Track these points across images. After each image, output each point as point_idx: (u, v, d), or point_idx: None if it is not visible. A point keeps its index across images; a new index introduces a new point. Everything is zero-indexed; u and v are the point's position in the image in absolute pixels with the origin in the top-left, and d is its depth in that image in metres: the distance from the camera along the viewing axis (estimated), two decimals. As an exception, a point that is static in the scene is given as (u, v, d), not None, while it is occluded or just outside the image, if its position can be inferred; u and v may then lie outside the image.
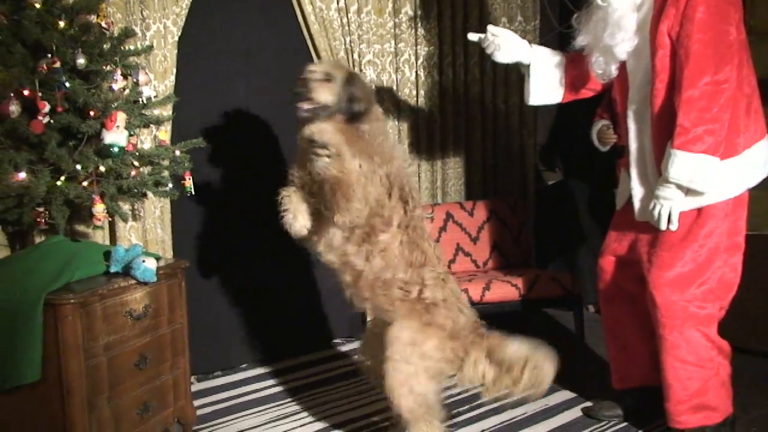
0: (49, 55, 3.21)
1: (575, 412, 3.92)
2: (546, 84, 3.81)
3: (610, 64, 3.47)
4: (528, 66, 3.80)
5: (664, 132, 3.27)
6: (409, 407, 3.22)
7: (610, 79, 3.57)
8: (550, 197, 5.72)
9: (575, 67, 3.74)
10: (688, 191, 3.22)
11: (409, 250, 3.28)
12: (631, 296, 3.62)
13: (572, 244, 5.49)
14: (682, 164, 3.16)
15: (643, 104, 3.40)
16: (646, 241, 3.46)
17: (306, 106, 3.23)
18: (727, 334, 3.51)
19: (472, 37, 3.87)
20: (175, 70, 4.09)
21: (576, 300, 4.73)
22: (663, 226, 3.27)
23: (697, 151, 3.14)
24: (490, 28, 3.81)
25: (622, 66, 3.47)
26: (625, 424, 3.75)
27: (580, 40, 3.55)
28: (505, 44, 3.76)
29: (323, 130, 3.12)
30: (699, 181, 3.17)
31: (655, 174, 3.33)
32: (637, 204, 3.46)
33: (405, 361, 3.20)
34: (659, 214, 3.27)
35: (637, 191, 3.46)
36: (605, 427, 3.74)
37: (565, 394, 4.14)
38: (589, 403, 3.96)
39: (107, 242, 3.91)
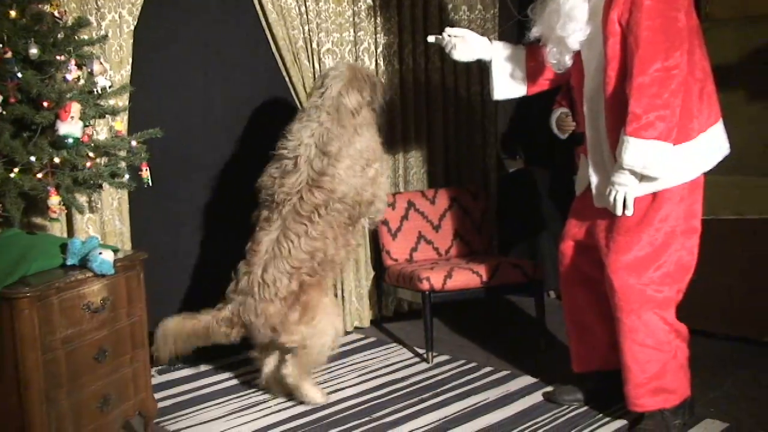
0: (1, 45, 3.16)
1: (536, 397, 3.95)
2: (508, 79, 3.85)
3: (564, 55, 3.50)
4: (489, 62, 3.84)
5: (617, 119, 3.30)
6: None
7: (566, 69, 3.59)
8: (511, 185, 5.76)
9: (534, 59, 3.77)
10: (642, 177, 3.25)
11: None
12: (590, 280, 3.66)
13: (533, 231, 5.54)
14: (635, 150, 3.19)
15: (596, 92, 3.43)
16: (603, 227, 3.49)
17: None
18: (684, 317, 3.56)
19: (431, 39, 3.93)
20: (131, 60, 4.04)
21: (537, 286, 4.76)
22: (618, 211, 3.31)
23: (649, 137, 3.17)
24: (448, 29, 3.86)
25: (577, 55, 3.50)
26: (585, 408, 3.79)
27: (535, 32, 3.58)
28: (462, 43, 3.81)
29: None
30: (652, 167, 3.21)
31: (611, 160, 3.36)
32: (594, 190, 3.50)
33: None
34: (614, 199, 3.30)
35: (594, 178, 3.49)
36: (565, 411, 3.78)
37: (526, 380, 4.18)
38: (550, 388, 4.00)
39: (65, 235, 3.87)
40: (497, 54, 3.83)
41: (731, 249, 4.46)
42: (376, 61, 5.00)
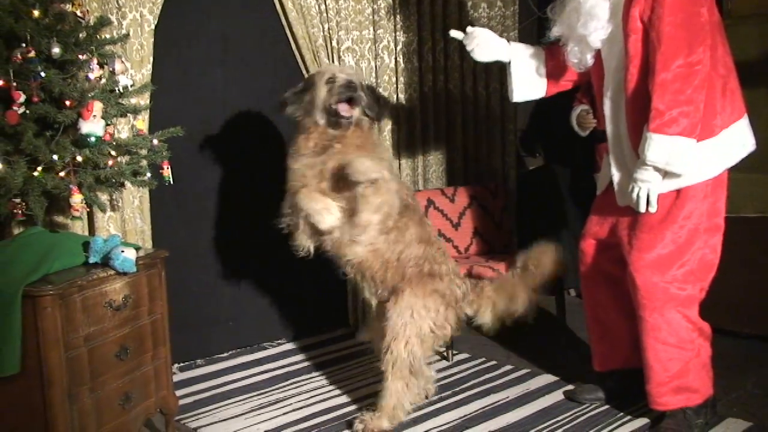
0: (24, 45, 3.17)
1: (557, 396, 3.95)
2: (527, 80, 3.83)
3: (585, 53, 3.49)
4: (508, 64, 3.82)
5: (639, 116, 3.28)
6: (397, 360, 3.47)
7: (587, 68, 3.58)
8: (530, 182, 5.74)
9: (554, 60, 3.75)
10: (666, 173, 3.23)
11: (419, 228, 3.61)
12: (612, 278, 3.64)
13: (553, 229, 5.51)
14: (659, 147, 3.17)
15: (617, 89, 3.41)
16: (626, 224, 3.47)
17: (352, 112, 3.49)
18: (707, 316, 3.53)
19: (454, 33, 3.89)
20: (152, 59, 4.05)
21: (557, 284, 4.74)
22: (642, 208, 3.29)
23: (672, 133, 3.15)
24: (470, 29, 3.85)
25: (597, 53, 3.48)
26: (606, 407, 3.78)
27: (555, 31, 3.57)
28: (483, 43, 3.79)
29: (369, 169, 3.31)
30: (676, 163, 3.19)
31: (633, 158, 3.34)
32: (616, 188, 3.48)
33: (410, 317, 3.51)
34: (638, 196, 3.28)
35: (616, 176, 3.47)
36: (586, 410, 3.77)
37: (547, 378, 4.17)
38: (570, 387, 3.98)
39: (86, 233, 3.88)
40: (516, 55, 3.81)
41: (754, 247, 4.42)
42: (396, 58, 4.99)
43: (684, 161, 3.19)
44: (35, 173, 3.21)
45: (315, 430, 3.66)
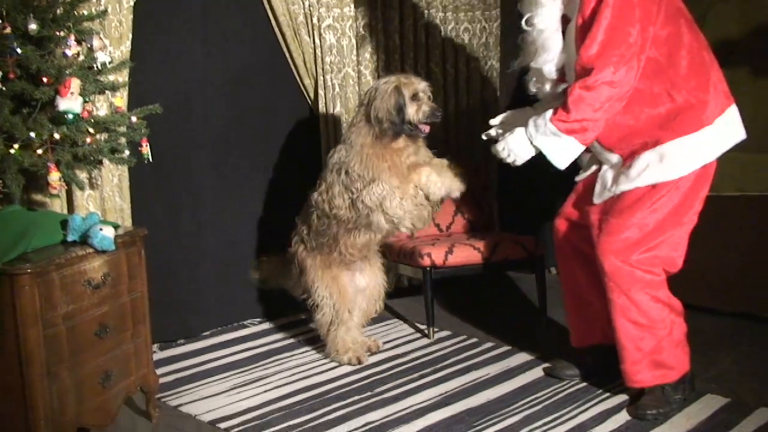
0: (0, 21, 3.13)
1: (537, 373, 3.97)
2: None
3: (543, 84, 3.57)
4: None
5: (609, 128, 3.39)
6: None
7: (546, 96, 3.64)
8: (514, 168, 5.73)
9: None
10: (630, 167, 3.35)
11: None
12: (585, 256, 3.66)
13: (534, 207, 5.53)
14: (552, 140, 3.33)
15: None
16: (598, 210, 3.52)
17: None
18: (685, 293, 3.56)
19: (488, 136, 3.94)
20: (131, 36, 4.02)
21: (538, 262, 4.76)
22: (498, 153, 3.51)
23: (569, 134, 3.30)
24: (491, 121, 3.95)
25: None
26: (585, 383, 3.80)
27: (516, 64, 3.69)
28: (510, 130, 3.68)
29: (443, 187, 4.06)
30: (558, 158, 3.36)
31: (607, 158, 3.46)
32: (599, 188, 3.53)
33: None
34: (500, 155, 3.50)
35: (603, 173, 3.54)
36: (565, 386, 3.79)
37: (527, 355, 4.19)
38: (550, 364, 4.01)
39: (65, 211, 3.86)
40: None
41: (733, 225, 4.45)
42: (377, 36, 4.96)
43: (565, 160, 3.37)
44: (12, 151, 3.18)
45: (297, 407, 3.66)
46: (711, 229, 3.67)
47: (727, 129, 3.38)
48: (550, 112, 3.35)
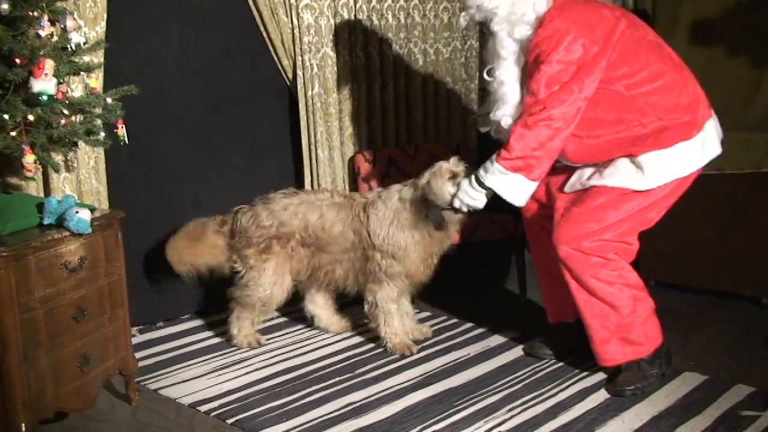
0: (-31, 1, 3.08)
1: (516, 352, 3.99)
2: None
3: (500, 134, 3.57)
4: None
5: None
6: None
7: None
8: (492, 140, 5.72)
9: None
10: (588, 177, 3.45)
11: None
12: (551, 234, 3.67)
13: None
14: (500, 178, 3.38)
15: None
16: (566, 198, 3.57)
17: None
18: (663, 272, 3.59)
19: None
20: (105, 16, 3.96)
21: (518, 243, 4.77)
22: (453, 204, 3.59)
23: (515, 171, 3.35)
24: None
25: None
26: (565, 362, 3.82)
27: (478, 112, 3.86)
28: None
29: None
30: (511, 196, 3.41)
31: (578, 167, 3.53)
32: (572, 179, 3.58)
33: None
34: (459, 208, 3.57)
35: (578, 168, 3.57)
36: (545, 365, 3.82)
37: (506, 335, 4.21)
38: (529, 343, 4.02)
39: (41, 194, 3.82)
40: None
41: (710, 204, 4.48)
42: (355, 16, 4.93)
43: (520, 197, 3.42)
44: (-15, 133, 3.14)
45: (278, 389, 3.66)
46: (688, 208, 3.69)
47: (705, 144, 3.42)
48: (495, 154, 3.40)
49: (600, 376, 3.66)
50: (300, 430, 3.27)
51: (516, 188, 3.40)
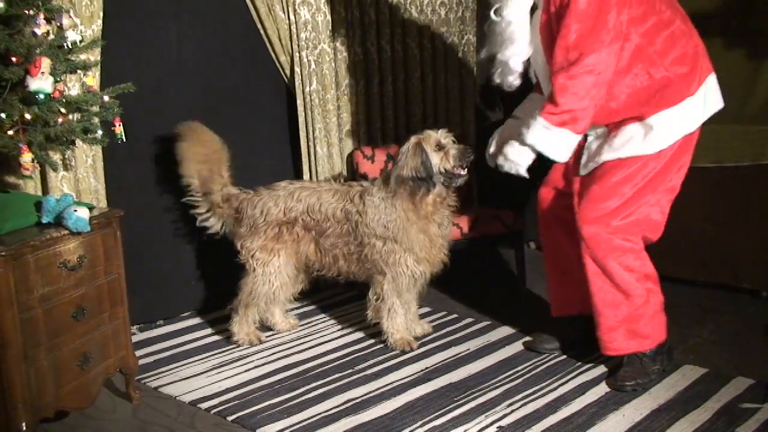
0: (-35, 0, 3.07)
1: (516, 347, 3.99)
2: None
3: (506, 76, 3.53)
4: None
5: None
6: None
7: (513, 89, 3.61)
8: (491, 135, 5.72)
9: None
10: (622, 144, 3.35)
11: None
12: (568, 224, 3.66)
13: (513, 182, 5.52)
14: (544, 134, 3.30)
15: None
16: (581, 179, 3.53)
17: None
18: (663, 265, 3.58)
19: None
20: (102, 14, 3.95)
21: (517, 237, 4.77)
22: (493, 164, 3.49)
23: (561, 126, 3.27)
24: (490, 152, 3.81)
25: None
26: (564, 356, 3.82)
27: (482, 54, 3.63)
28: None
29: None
30: (555, 152, 3.33)
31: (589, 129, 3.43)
32: (584, 159, 3.53)
33: None
34: (504, 170, 3.46)
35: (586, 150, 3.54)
36: (545, 360, 3.81)
37: (507, 330, 4.21)
38: (529, 338, 4.03)
39: (39, 193, 3.81)
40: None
41: (709, 197, 4.48)
42: (353, 11, 4.92)
43: (563, 153, 3.34)
44: (-18, 132, 3.13)
45: (278, 386, 3.66)
46: (687, 201, 3.68)
47: (708, 98, 3.40)
48: (537, 110, 3.33)
49: (600, 370, 3.66)
50: (300, 426, 3.27)
51: (560, 144, 3.32)
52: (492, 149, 3.78)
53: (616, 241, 3.39)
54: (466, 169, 3.87)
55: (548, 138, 3.31)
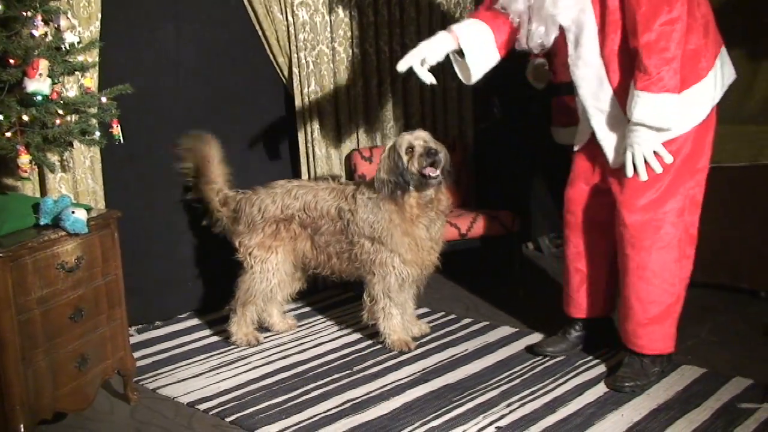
0: (-38, 1, 3.07)
1: (515, 347, 3.98)
2: (481, 60, 3.69)
3: (550, 34, 3.45)
4: (456, 53, 3.69)
5: (628, 78, 3.29)
6: None
7: (544, 49, 3.55)
8: (489, 136, 5.73)
9: (499, 29, 3.63)
10: (657, 130, 3.25)
11: None
12: (600, 225, 3.64)
13: (512, 182, 5.53)
14: (647, 105, 3.19)
15: (592, 55, 3.38)
16: (617, 173, 3.45)
17: (437, 171, 3.80)
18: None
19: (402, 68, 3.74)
20: (100, 15, 3.95)
21: (516, 238, 4.77)
22: (630, 173, 3.31)
23: (659, 91, 3.17)
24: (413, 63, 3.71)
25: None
26: (563, 357, 3.82)
27: (518, 5, 3.47)
28: (429, 53, 3.67)
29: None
30: (662, 120, 3.21)
31: (625, 120, 3.34)
32: (611, 156, 3.45)
33: None
34: (634, 161, 3.29)
35: (608, 141, 3.45)
36: (544, 360, 3.81)
37: (505, 330, 4.21)
38: (528, 339, 4.02)
39: (37, 194, 3.81)
40: (466, 41, 3.64)
41: (707, 197, 4.45)
42: (351, 12, 4.92)
43: (670, 117, 3.22)
44: (-20, 134, 3.13)
45: (276, 387, 3.66)
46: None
47: (725, 69, 3.41)
48: (632, 86, 3.24)
49: (598, 370, 3.66)
50: (299, 427, 3.27)
51: (667, 109, 3.20)
52: (407, 58, 3.70)
53: (662, 231, 3.38)
54: (438, 170, 3.80)
55: (654, 106, 3.19)
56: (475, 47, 3.64)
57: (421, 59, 3.66)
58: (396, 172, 3.81)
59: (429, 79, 3.70)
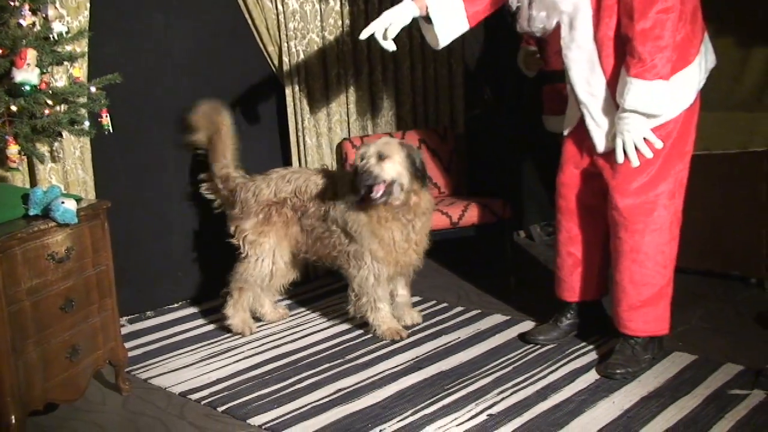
0: (-51, -9, 3.05)
1: (507, 335, 3.99)
2: (450, 21, 3.63)
3: (552, 18, 3.44)
4: (427, 16, 3.63)
5: (620, 65, 3.30)
6: None
7: (547, 34, 3.55)
8: (480, 124, 5.73)
9: (473, 1, 3.61)
10: (648, 116, 3.26)
11: None
12: (591, 209, 3.65)
13: (504, 171, 5.53)
14: (639, 92, 3.21)
15: (585, 41, 3.39)
16: (607, 158, 3.47)
17: (380, 191, 3.74)
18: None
19: (364, 36, 3.69)
20: (89, 5, 3.93)
21: (507, 225, 4.77)
22: (620, 159, 3.32)
23: (652, 78, 3.19)
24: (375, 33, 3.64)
25: None
26: (555, 344, 3.82)
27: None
28: (392, 22, 3.60)
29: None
30: (654, 107, 3.22)
31: (615, 106, 3.35)
32: (599, 141, 3.46)
33: None
34: (624, 148, 3.30)
35: (596, 126, 3.46)
36: (536, 348, 3.82)
37: (497, 318, 4.22)
38: (519, 326, 4.03)
39: (27, 185, 3.80)
40: (432, 6, 3.59)
41: (697, 184, 4.46)
42: (341, 1, 4.90)
43: (662, 104, 3.24)
44: (-32, 124, 3.11)
45: (268, 376, 3.66)
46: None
47: (708, 55, 3.43)
48: (623, 72, 3.27)
49: (589, 357, 3.67)
50: (290, 416, 3.27)
51: (659, 96, 3.22)
52: (370, 27, 3.65)
53: (654, 214, 3.39)
54: (380, 192, 3.74)
55: (647, 93, 3.21)
56: (441, 15, 3.61)
57: (384, 28, 3.61)
58: (352, 183, 3.85)
59: (391, 47, 3.65)
